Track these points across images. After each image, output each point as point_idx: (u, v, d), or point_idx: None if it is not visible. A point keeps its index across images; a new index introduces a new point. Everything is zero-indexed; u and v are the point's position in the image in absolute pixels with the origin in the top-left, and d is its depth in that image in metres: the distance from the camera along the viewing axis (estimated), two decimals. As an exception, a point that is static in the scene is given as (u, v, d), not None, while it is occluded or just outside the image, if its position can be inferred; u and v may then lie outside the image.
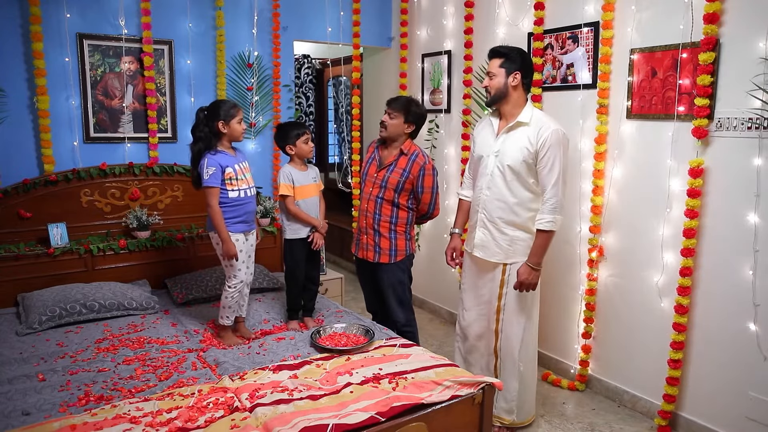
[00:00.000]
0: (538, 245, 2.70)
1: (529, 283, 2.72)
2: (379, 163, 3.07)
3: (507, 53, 2.72)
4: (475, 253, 2.88)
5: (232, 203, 2.85)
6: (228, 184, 2.83)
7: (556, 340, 3.60)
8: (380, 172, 3.04)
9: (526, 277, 2.71)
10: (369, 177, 3.09)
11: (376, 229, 3.06)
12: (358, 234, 3.19)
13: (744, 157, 2.60)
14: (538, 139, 2.65)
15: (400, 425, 2.09)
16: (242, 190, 2.88)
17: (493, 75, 2.74)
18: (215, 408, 2.16)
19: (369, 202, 3.07)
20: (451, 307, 4.45)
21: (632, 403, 3.19)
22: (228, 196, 2.83)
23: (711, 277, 2.78)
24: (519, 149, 2.69)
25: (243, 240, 2.91)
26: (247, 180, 2.93)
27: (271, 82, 4.30)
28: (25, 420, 2.11)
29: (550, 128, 2.65)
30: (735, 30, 2.59)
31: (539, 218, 2.69)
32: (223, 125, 2.82)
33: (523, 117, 2.72)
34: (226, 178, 2.82)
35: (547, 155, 2.64)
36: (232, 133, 2.86)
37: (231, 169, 2.84)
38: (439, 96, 4.43)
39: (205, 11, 3.99)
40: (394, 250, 3.06)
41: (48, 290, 3.22)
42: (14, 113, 3.44)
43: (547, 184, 2.66)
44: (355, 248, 3.21)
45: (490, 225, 2.81)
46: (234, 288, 2.89)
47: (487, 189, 2.80)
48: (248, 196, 2.92)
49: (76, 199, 3.57)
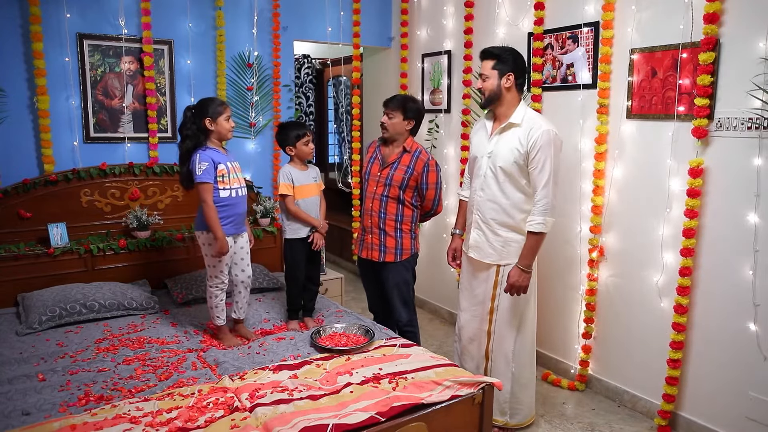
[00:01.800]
0: (529, 247, 2.67)
1: (519, 286, 2.68)
2: (381, 162, 3.07)
3: (499, 54, 2.69)
4: (470, 253, 2.88)
5: (223, 203, 2.80)
6: (220, 182, 2.78)
7: (556, 340, 3.60)
8: (384, 170, 3.04)
9: (516, 280, 2.67)
10: (372, 176, 3.09)
11: (382, 227, 3.05)
12: (361, 234, 3.18)
13: (744, 157, 2.60)
14: (529, 139, 2.63)
15: (400, 425, 2.09)
16: (233, 190, 2.84)
17: (486, 77, 2.71)
18: (215, 408, 2.16)
19: (374, 201, 3.06)
20: (451, 307, 4.45)
21: (632, 403, 3.19)
22: (219, 195, 2.79)
23: (711, 277, 2.78)
24: (510, 150, 2.68)
25: (231, 243, 2.87)
26: (238, 179, 2.89)
27: (271, 82, 4.30)
28: (25, 420, 2.11)
29: (541, 128, 2.63)
30: (735, 30, 2.58)
31: (530, 220, 2.67)
32: (211, 122, 2.79)
33: (515, 118, 2.70)
34: (219, 175, 2.77)
35: (538, 156, 2.62)
36: (220, 130, 2.81)
37: (223, 165, 2.80)
38: (439, 96, 4.43)
39: (205, 11, 3.99)
40: (399, 249, 3.07)
41: (48, 290, 3.22)
42: (14, 113, 3.44)
43: (537, 185, 2.64)
44: (359, 249, 3.21)
45: (484, 226, 2.81)
46: (216, 287, 2.88)
47: (480, 190, 2.80)
48: (239, 196, 2.88)
49: (76, 199, 3.57)
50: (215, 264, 2.85)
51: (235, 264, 2.96)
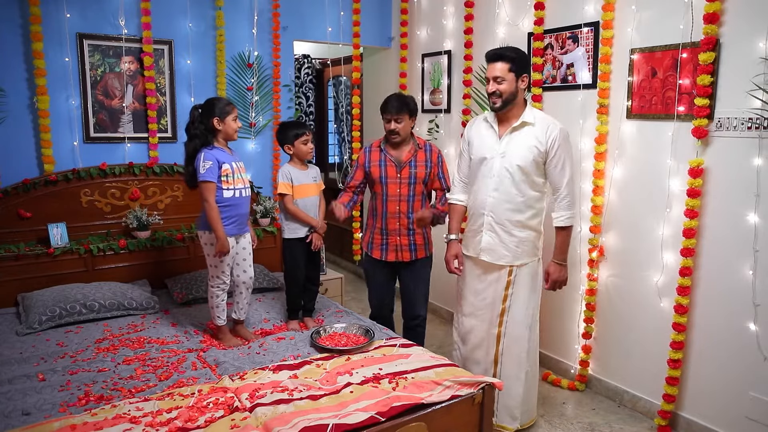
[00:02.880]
0: (562, 242, 2.75)
1: (562, 280, 2.78)
2: (397, 164, 3.07)
3: (515, 57, 2.68)
4: (482, 257, 2.82)
5: (226, 203, 2.81)
6: (224, 182, 2.79)
7: (556, 340, 3.60)
8: (402, 170, 3.06)
9: (558, 275, 2.76)
10: (391, 179, 3.06)
11: (411, 228, 3.09)
12: (383, 238, 3.12)
13: (744, 157, 2.60)
14: (548, 138, 2.66)
15: (400, 425, 2.09)
16: (237, 190, 2.85)
17: (502, 80, 2.67)
18: (215, 408, 2.16)
19: (401, 204, 3.07)
20: (451, 307, 4.44)
21: (632, 403, 3.19)
22: (223, 195, 2.80)
23: (711, 277, 2.78)
24: (528, 148, 2.68)
25: (233, 243, 2.88)
26: (243, 180, 2.90)
27: (271, 82, 4.30)
28: (25, 420, 2.11)
29: (557, 127, 2.67)
30: (735, 30, 2.58)
31: (557, 215, 2.71)
32: (219, 122, 2.80)
33: (528, 117, 2.71)
34: (223, 175, 2.78)
35: (558, 153, 2.66)
36: (227, 130, 2.83)
37: (228, 165, 2.81)
38: (439, 96, 4.43)
39: (205, 11, 3.99)
40: (427, 242, 3.18)
41: (48, 290, 3.22)
42: (14, 113, 3.44)
43: (560, 182, 2.68)
44: (382, 253, 3.13)
45: (498, 228, 2.77)
46: (218, 287, 2.89)
47: (494, 191, 2.75)
48: (243, 197, 2.89)
49: (76, 199, 3.57)
50: (217, 264, 2.85)
51: (237, 264, 2.96)
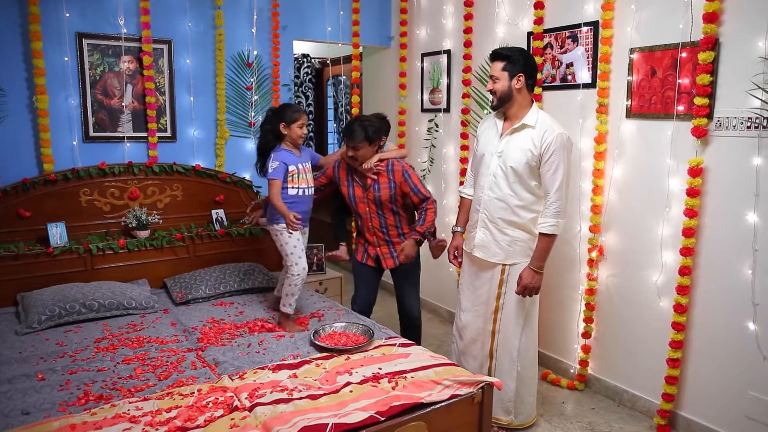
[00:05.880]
0: (541, 248, 2.69)
1: (532, 287, 2.71)
2: (363, 186, 3.14)
3: (509, 56, 2.68)
4: (475, 253, 2.87)
5: (291, 200, 3.03)
6: (290, 181, 3.02)
7: (556, 340, 3.60)
8: (368, 192, 3.12)
9: (529, 281, 2.69)
10: (359, 199, 3.17)
11: (388, 239, 3.20)
12: (365, 245, 3.29)
13: (743, 157, 2.60)
14: (543, 142, 2.64)
15: (400, 425, 2.09)
16: (301, 189, 3.06)
17: (496, 78, 2.70)
18: (215, 407, 2.16)
19: (373, 220, 3.18)
20: (451, 306, 4.45)
21: (632, 403, 3.19)
22: (288, 193, 3.02)
23: (710, 277, 2.78)
24: (522, 151, 2.68)
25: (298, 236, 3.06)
26: (307, 180, 3.09)
27: (271, 82, 4.29)
28: (24, 419, 2.10)
29: (555, 132, 2.64)
30: (734, 29, 2.58)
31: (542, 222, 2.68)
32: (285, 127, 3.03)
33: (529, 119, 2.70)
34: (289, 175, 3.01)
35: (551, 159, 2.63)
36: (292, 135, 3.04)
37: (294, 167, 3.03)
38: (439, 95, 4.43)
39: (205, 10, 3.99)
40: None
41: (47, 290, 3.22)
42: (13, 112, 3.44)
43: (550, 187, 2.65)
44: (363, 257, 3.30)
45: (491, 225, 2.80)
46: (297, 275, 3.03)
47: (489, 189, 2.78)
48: (306, 195, 3.09)
49: (75, 198, 3.56)
50: (292, 251, 3.03)
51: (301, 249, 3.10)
